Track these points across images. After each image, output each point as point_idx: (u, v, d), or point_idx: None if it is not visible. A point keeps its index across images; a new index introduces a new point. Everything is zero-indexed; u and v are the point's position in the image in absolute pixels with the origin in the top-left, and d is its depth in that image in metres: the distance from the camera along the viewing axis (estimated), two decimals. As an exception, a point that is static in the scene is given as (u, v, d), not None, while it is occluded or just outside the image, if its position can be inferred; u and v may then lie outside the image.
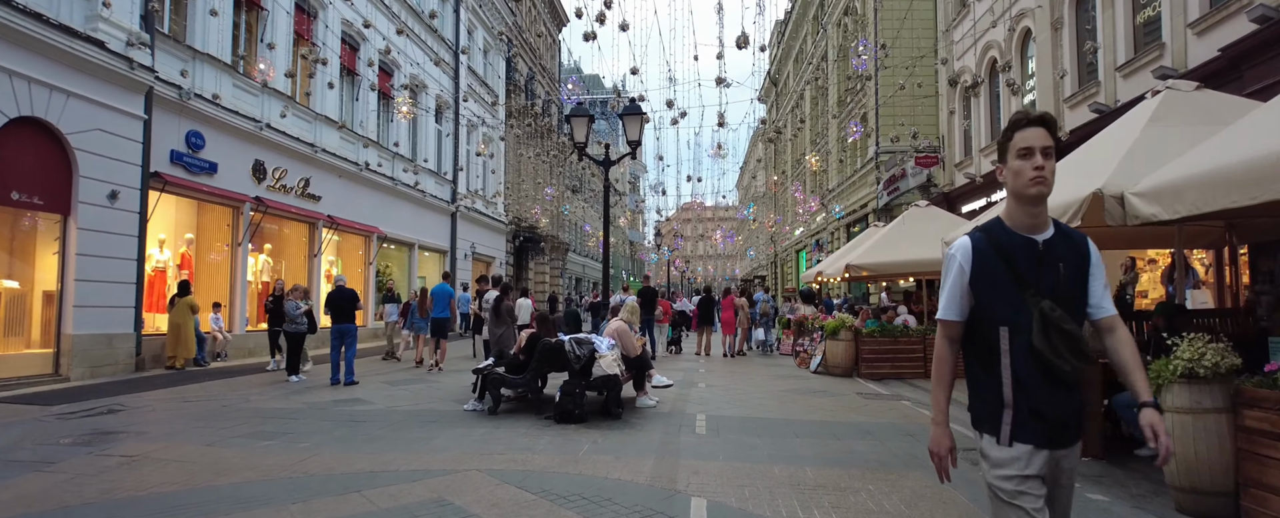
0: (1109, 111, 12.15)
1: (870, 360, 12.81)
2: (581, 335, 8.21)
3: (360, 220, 20.53)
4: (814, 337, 14.23)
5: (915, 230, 13.87)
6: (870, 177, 27.16)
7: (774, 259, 53.94)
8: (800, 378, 12.75)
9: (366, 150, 20.88)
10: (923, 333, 12.95)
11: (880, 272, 13.39)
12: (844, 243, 32.38)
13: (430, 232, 25.42)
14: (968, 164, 18.66)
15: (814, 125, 38.45)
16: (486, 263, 31.78)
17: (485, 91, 30.94)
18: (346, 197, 19.96)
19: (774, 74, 52.59)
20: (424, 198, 24.54)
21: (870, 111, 27.76)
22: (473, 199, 28.87)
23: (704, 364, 15.05)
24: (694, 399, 9.83)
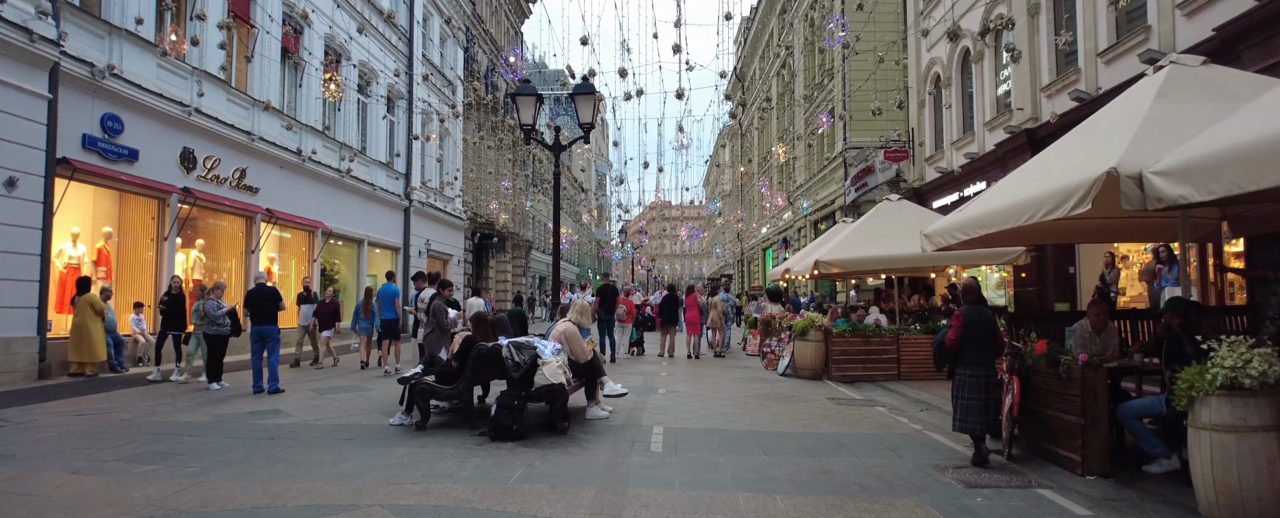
0: (1090, 99, 11.53)
1: (841, 362, 12.06)
2: (523, 339, 7.21)
3: (304, 215, 19.34)
4: (782, 337, 13.46)
5: (887, 226, 13.18)
6: (838, 173, 26.55)
7: (741, 257, 53.37)
8: (767, 381, 11.96)
9: (311, 140, 19.68)
10: (895, 333, 12.24)
11: (851, 269, 12.66)
12: (811, 240, 31.82)
13: (381, 227, 24.24)
14: (939, 158, 18.05)
15: (780, 120, 37.85)
16: (443, 261, 30.63)
17: (442, 82, 29.78)
18: (288, 189, 18.76)
19: (740, 70, 52.00)
20: (374, 191, 23.36)
21: (837, 105, 27.17)
22: (427, 194, 27.73)
23: (666, 367, 14.22)
24: (651, 408, 8.97)
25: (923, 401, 9.97)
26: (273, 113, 17.86)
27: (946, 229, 7.33)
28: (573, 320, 8.02)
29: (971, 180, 15.70)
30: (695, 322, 16.40)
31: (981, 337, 6.66)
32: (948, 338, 6.79)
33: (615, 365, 13.78)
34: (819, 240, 17.32)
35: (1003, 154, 14.04)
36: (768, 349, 13.76)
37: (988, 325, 6.84)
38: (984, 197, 7.61)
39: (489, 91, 36.22)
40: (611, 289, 14.02)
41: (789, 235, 35.74)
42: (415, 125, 26.66)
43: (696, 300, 16.59)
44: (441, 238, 29.39)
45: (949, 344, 6.69)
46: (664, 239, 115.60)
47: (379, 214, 24.06)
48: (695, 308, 16.48)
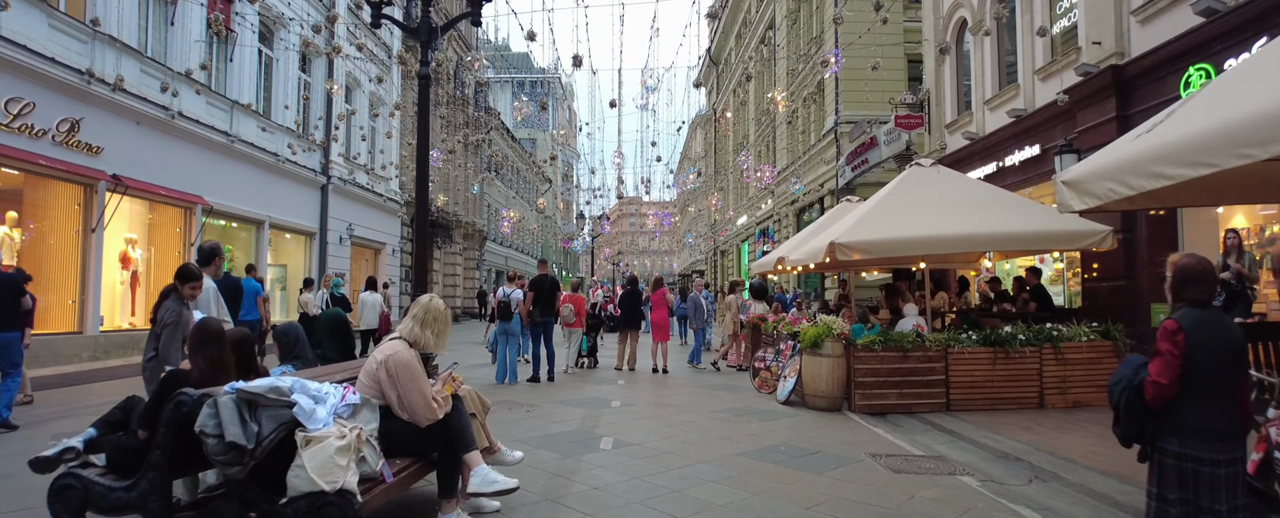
0: (1225, 11, 8.10)
1: (868, 386, 8.52)
2: (264, 385, 3.36)
3: (174, 186, 15.36)
4: (781, 349, 9.84)
5: (920, 197, 9.74)
6: (828, 152, 23.13)
7: (714, 251, 49.89)
8: (765, 416, 8.33)
9: (187, 93, 15.70)
10: (943, 345, 8.72)
11: (878, 253, 9.10)
12: (794, 230, 28.40)
13: (289, 207, 20.24)
14: (964, 122, 14.62)
15: (758, 101, 34.37)
16: (375, 250, 26.68)
17: (375, 44, 25.79)
18: (152, 152, 14.79)
19: (714, 53, 48.52)
20: (278, 163, 19.37)
21: (827, 79, 23.74)
22: (353, 171, 23.74)
23: (623, 389, 10.46)
24: (582, 485, 5.28)
25: (1011, 454, 6.45)
26: (127, 52, 13.91)
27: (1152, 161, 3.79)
28: (411, 339, 4.14)
29: (1017, 144, 12.28)
30: (663, 325, 12.87)
31: (1222, 378, 3.15)
32: (1159, 380, 3.18)
33: (552, 387, 10.13)
34: (821, 221, 13.80)
35: (1071, 105, 10.62)
36: (760, 365, 10.14)
37: (1235, 355, 3.27)
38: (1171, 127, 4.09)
39: (436, 62, 32.24)
40: (548, 282, 10.36)
41: (768, 226, 32.31)
42: (340, 94, 22.66)
43: (665, 297, 12.96)
44: (371, 223, 25.42)
45: (1162, 393, 3.15)
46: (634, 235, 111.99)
47: (286, 191, 20.06)
48: (663, 307, 12.88)
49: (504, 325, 10.47)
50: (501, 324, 10.48)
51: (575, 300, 12.26)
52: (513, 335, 10.48)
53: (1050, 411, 8.65)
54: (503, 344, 10.48)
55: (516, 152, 53.66)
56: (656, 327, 12.92)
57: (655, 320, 12.96)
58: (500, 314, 10.36)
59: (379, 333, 11.70)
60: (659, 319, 12.93)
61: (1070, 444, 6.78)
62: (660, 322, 12.91)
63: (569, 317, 11.99)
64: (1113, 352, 8.93)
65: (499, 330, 10.57)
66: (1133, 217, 9.64)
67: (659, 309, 13.08)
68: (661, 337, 12.76)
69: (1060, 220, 9.61)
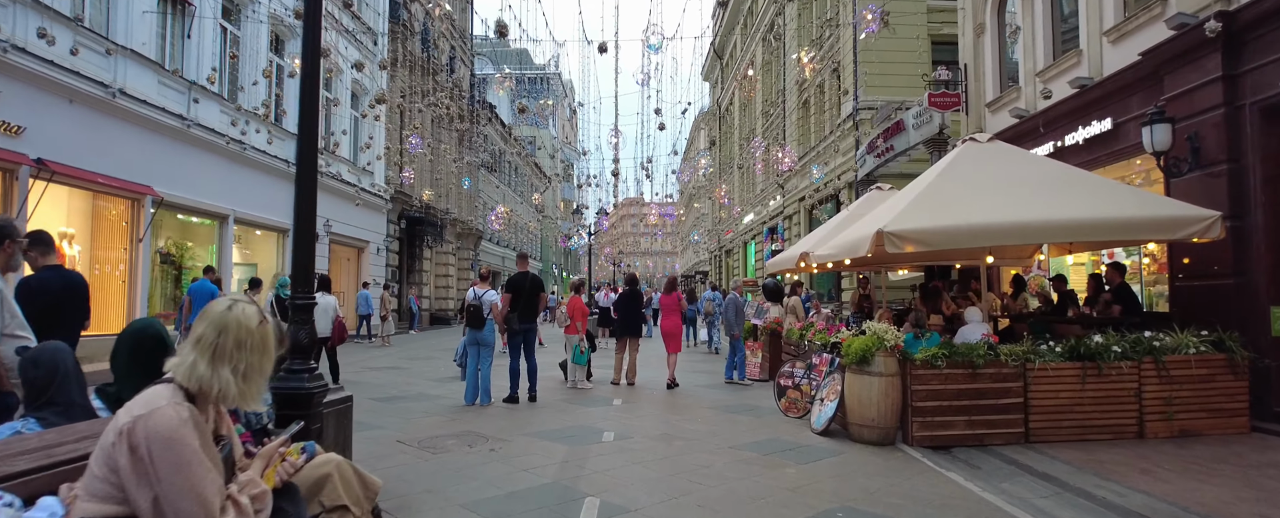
0: None
1: (929, 413, 6.75)
2: None
3: (117, 174, 13.62)
4: (814, 364, 8.03)
5: (979, 178, 8.04)
6: (845, 142, 21.36)
7: (718, 251, 48.11)
8: (802, 455, 6.53)
9: (132, 69, 13.98)
10: (1021, 359, 6.95)
11: (937, 244, 7.32)
12: (805, 228, 26.62)
13: (258, 201, 18.49)
14: (1011, 99, 12.84)
15: (767, 91, 32.62)
16: (357, 249, 24.92)
17: (359, 29, 24.06)
18: (89, 135, 13.09)
19: (718, 45, 46.80)
20: (245, 152, 17.61)
21: (844, 60, 22.00)
22: (332, 163, 21.98)
23: (621, 411, 8.68)
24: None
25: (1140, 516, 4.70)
26: (56, 19, 12.17)
27: None
28: (191, 384, 2.15)
29: (1080, 119, 10.51)
30: (676, 333, 11.09)
31: None
32: None
33: (533, 411, 8.32)
34: (851, 211, 12.01)
35: (1155, 65, 8.87)
36: (786, 382, 8.32)
37: None
38: None
39: (426, 51, 30.55)
40: (530, 281, 8.50)
41: (778, 224, 30.53)
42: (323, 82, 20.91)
43: (678, 302, 11.13)
44: (351, 219, 23.64)
45: None
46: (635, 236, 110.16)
47: (254, 183, 18.31)
48: (676, 313, 11.16)
49: (474, 334, 8.75)
50: (471, 333, 8.75)
51: (571, 306, 10.46)
52: (486, 347, 8.76)
53: (1153, 441, 6.89)
54: (473, 358, 8.75)
55: (515, 148, 51.91)
56: (668, 335, 11.11)
57: (666, 328, 11.19)
58: (469, 320, 8.64)
59: (332, 343, 9.94)
60: (671, 327, 11.16)
61: (1219, 498, 5.02)
62: (673, 329, 11.13)
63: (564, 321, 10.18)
64: (1227, 367, 7.17)
65: (468, 340, 8.86)
66: (1246, 197, 7.86)
67: (671, 315, 11.24)
68: (674, 347, 10.97)
69: (1155, 204, 7.86)
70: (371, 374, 12.28)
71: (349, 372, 12.88)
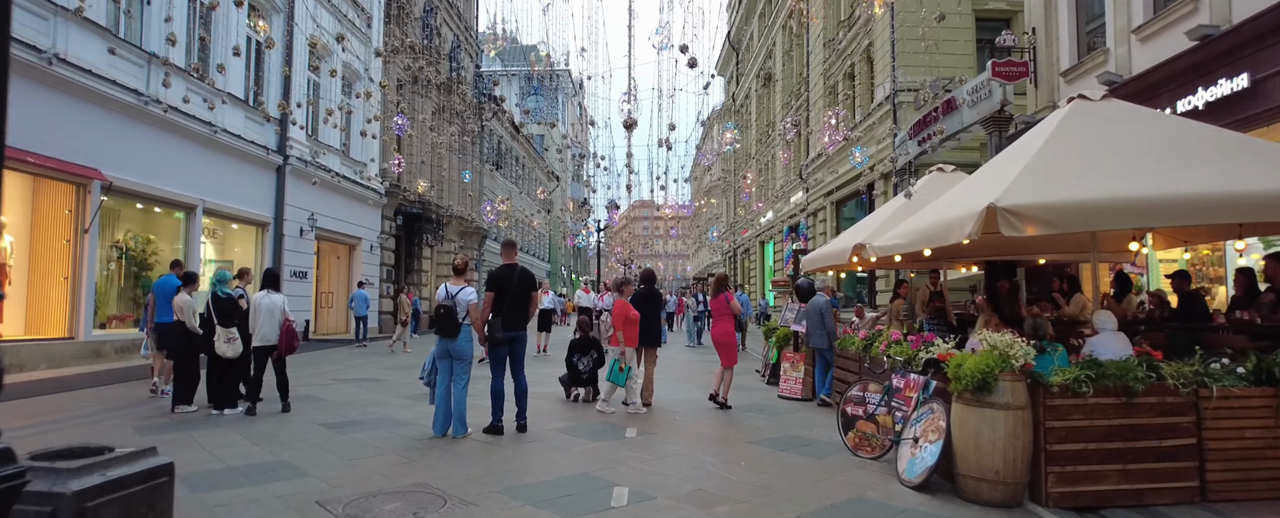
0: None
1: (1069, 460, 4.82)
2: None
3: (55, 154, 11.84)
4: (894, 387, 6.02)
5: (1102, 142, 6.16)
6: (879, 129, 19.38)
7: (732, 251, 46.12)
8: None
9: (75, 34, 12.20)
10: (1192, 382, 5.00)
11: (1071, 225, 5.38)
12: (833, 224, 24.64)
13: (233, 191, 16.68)
14: (1097, 63, 10.88)
15: (788, 81, 30.66)
16: (349, 245, 23.11)
17: (353, 11, 22.26)
18: (19, 106, 11.29)
19: (734, 37, 44.89)
20: (216, 135, 15.80)
21: (878, 40, 20.04)
22: (319, 152, 20.15)
23: (635, 448, 6.52)
24: None
25: None
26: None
27: None
28: None
29: (1202, 78, 8.55)
30: (729, 343, 9.01)
31: None
32: None
33: (518, 447, 6.32)
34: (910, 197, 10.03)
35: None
36: (855, 410, 6.30)
37: None
38: None
39: (427, 38, 28.75)
40: (518, 277, 6.53)
41: (800, 221, 28.54)
42: (300, 53, 19.12)
43: (728, 304, 9.16)
44: (342, 213, 21.82)
45: None
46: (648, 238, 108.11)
47: (229, 170, 16.50)
48: (727, 318, 9.05)
49: (445, 344, 6.77)
50: (441, 342, 6.80)
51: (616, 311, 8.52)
52: (461, 361, 6.80)
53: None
54: (443, 375, 6.82)
55: (522, 145, 50.14)
56: (722, 345, 9.04)
57: (719, 336, 9.12)
58: (439, 326, 6.72)
59: (279, 352, 8.06)
60: (723, 335, 9.02)
61: None
62: (726, 338, 9.00)
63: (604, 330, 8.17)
64: None
65: (438, 352, 6.90)
66: None
67: (722, 320, 9.11)
68: (729, 358, 8.91)
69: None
70: (338, 388, 10.41)
71: (316, 382, 11.03)
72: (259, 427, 7.26)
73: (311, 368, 13.37)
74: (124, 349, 13.36)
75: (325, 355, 15.95)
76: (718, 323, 9.14)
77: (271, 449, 6.11)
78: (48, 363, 11.81)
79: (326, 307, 22.68)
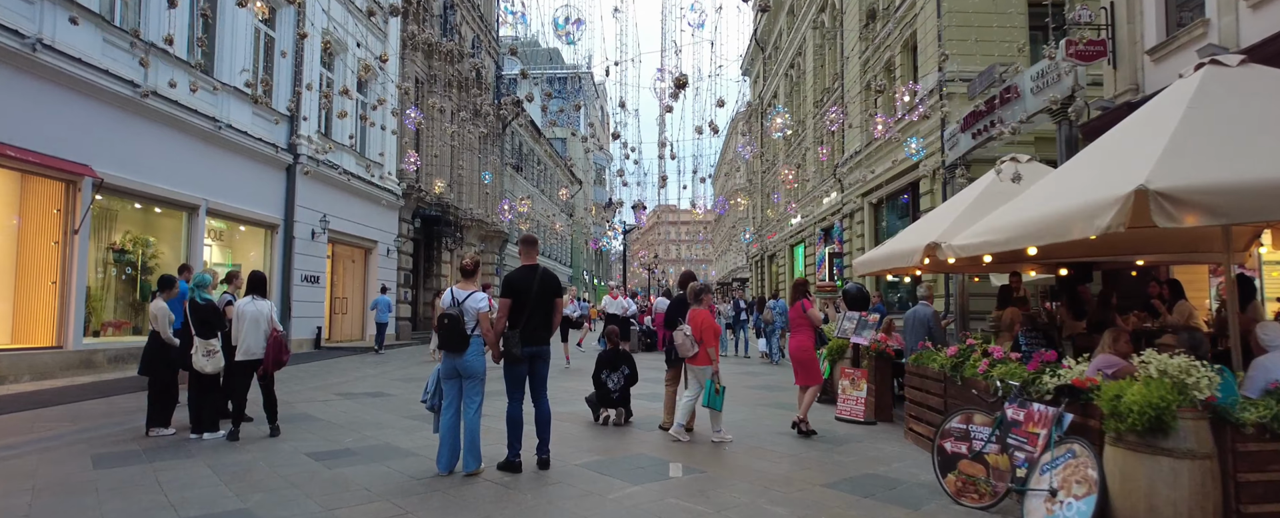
0: None
1: (1274, 523, 3.61)
2: None
3: (40, 148, 10.94)
4: (1013, 420, 4.79)
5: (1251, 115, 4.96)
6: (924, 123, 18.10)
7: (759, 255, 44.79)
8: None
9: (60, 19, 11.29)
10: None
11: (1245, 211, 4.19)
12: (872, 226, 23.35)
13: (239, 190, 15.77)
14: (1196, 36, 9.59)
15: (820, 77, 29.40)
16: (364, 249, 22.17)
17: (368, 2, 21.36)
18: (5, 100, 10.43)
19: (761, 36, 43.65)
20: (220, 131, 14.89)
21: (922, 29, 18.78)
22: (332, 151, 19.22)
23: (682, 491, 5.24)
24: None
25: None
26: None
27: None
28: None
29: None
30: (809, 360, 7.71)
31: None
32: None
33: (538, 489, 5.16)
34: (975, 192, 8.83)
35: None
36: (956, 447, 5.07)
37: None
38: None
39: (447, 34, 27.86)
40: (539, 280, 5.58)
41: (834, 224, 27.25)
42: (311, 50, 18.20)
43: (806, 313, 7.89)
44: (357, 215, 20.88)
45: None
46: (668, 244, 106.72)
47: (235, 169, 15.59)
48: (806, 329, 7.82)
49: (452, 362, 5.61)
50: (447, 359, 5.65)
51: (700, 319, 7.20)
52: (472, 381, 5.61)
53: None
54: (449, 397, 5.67)
55: (543, 148, 49.21)
56: (800, 362, 7.72)
57: (796, 352, 7.79)
58: (444, 339, 5.58)
59: (266, 367, 7.00)
60: (802, 351, 7.67)
61: None
62: (804, 355, 7.66)
63: (689, 347, 7.00)
64: None
65: (443, 371, 5.73)
66: None
67: (800, 332, 7.77)
68: (809, 376, 7.65)
69: None
70: (339, 405, 9.35)
71: (317, 397, 10.00)
72: (236, 456, 6.20)
73: (316, 379, 12.36)
74: (118, 359, 12.44)
75: (333, 365, 14.96)
76: (795, 335, 7.88)
77: (240, 491, 5.04)
78: (32, 374, 10.89)
79: (341, 313, 21.75)
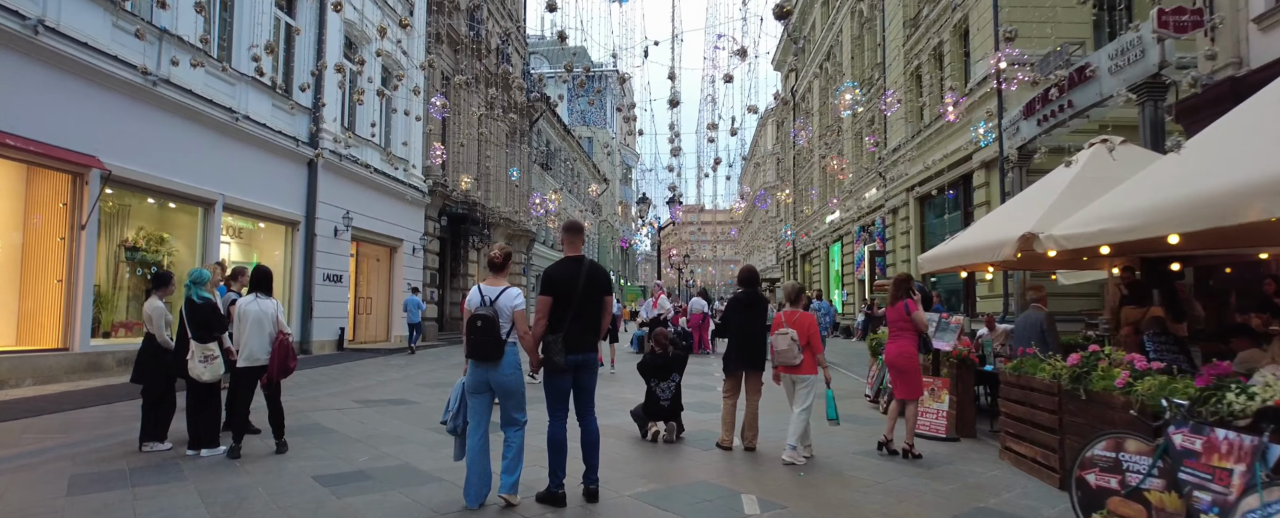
0: None
1: None
2: None
3: (43, 137, 10.26)
4: (1187, 449, 3.82)
5: None
6: (976, 112, 16.97)
7: (792, 255, 43.64)
8: None
9: (70, 5, 10.63)
10: None
11: None
12: (918, 222, 22.19)
13: (258, 185, 15.07)
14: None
15: (859, 66, 28.25)
16: (389, 248, 21.45)
17: (391, -7, 20.66)
18: (4, 86, 9.76)
19: (792, 29, 42.47)
20: (237, 123, 14.20)
21: (975, 14, 17.65)
22: (354, 145, 18.52)
23: None
24: None
25: None
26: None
27: None
28: None
29: None
30: (911, 368, 6.60)
31: None
32: None
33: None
34: (1072, 174, 7.77)
35: None
36: (1104, 482, 4.05)
37: None
38: None
39: (473, 30, 27.14)
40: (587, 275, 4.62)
41: (874, 220, 26.10)
42: (333, 38, 17.50)
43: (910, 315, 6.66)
44: (381, 212, 20.17)
45: None
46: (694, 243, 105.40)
47: (252, 163, 14.90)
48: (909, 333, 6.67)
49: (483, 373, 4.61)
50: (475, 369, 4.62)
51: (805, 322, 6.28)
52: (510, 397, 4.66)
53: None
54: (477, 417, 4.69)
55: (571, 145, 48.44)
56: (901, 372, 6.62)
57: (896, 359, 6.64)
58: (475, 347, 4.54)
59: (272, 372, 6.16)
60: (903, 357, 6.59)
61: None
62: (905, 362, 6.59)
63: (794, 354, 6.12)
64: None
65: (469, 384, 4.69)
66: None
67: (901, 337, 6.65)
68: (910, 388, 6.58)
69: None
70: (357, 414, 8.52)
71: (333, 404, 9.20)
72: (233, 479, 5.37)
73: (336, 384, 11.58)
74: (128, 362, 11.57)
75: (355, 368, 14.20)
76: (896, 340, 6.71)
77: (229, 527, 4.18)
78: (35, 378, 10.21)
79: (365, 313, 21.05)
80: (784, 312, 6.27)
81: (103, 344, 11.57)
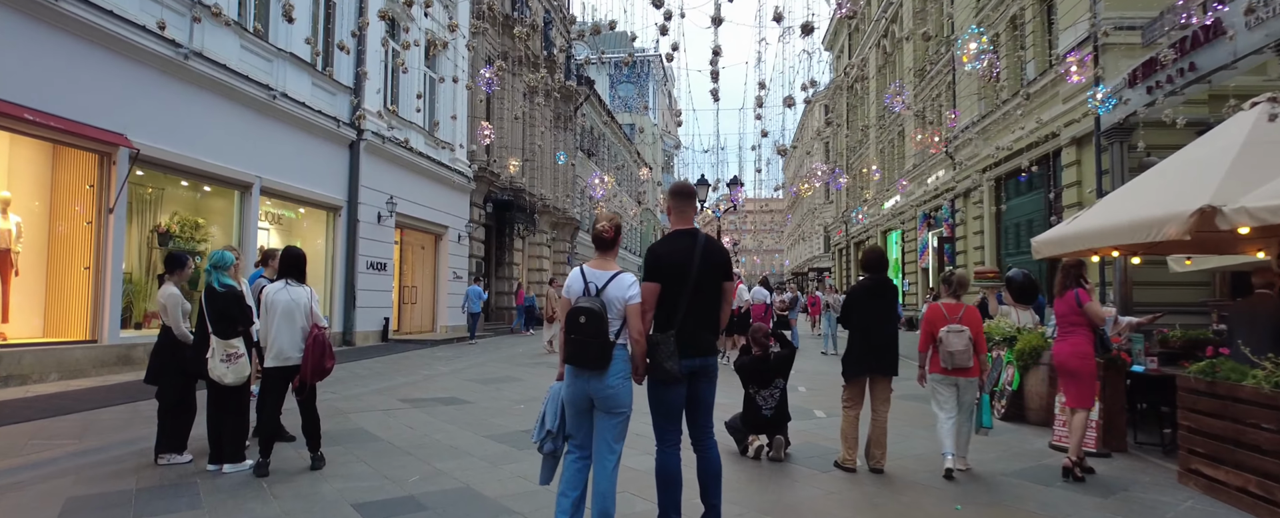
0: None
1: None
2: None
3: (68, 114, 9.48)
4: None
5: None
6: (1063, 84, 15.45)
7: (845, 243, 42.04)
8: None
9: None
10: None
11: None
12: (991, 206, 20.67)
13: (298, 168, 14.28)
14: None
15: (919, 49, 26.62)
16: (434, 235, 20.63)
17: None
18: (18, 57, 8.97)
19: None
20: (275, 101, 13.38)
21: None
22: (398, 127, 17.66)
23: None
24: None
25: None
26: None
27: None
28: None
29: None
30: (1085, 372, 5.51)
31: None
32: None
33: None
34: (1242, 139, 6.45)
35: None
36: None
37: None
38: None
39: (518, 8, 26.15)
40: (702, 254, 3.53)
41: (941, 205, 24.58)
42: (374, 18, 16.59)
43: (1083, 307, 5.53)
44: (426, 198, 19.33)
45: None
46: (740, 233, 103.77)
47: (291, 143, 14.10)
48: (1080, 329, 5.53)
49: (585, 384, 3.46)
50: (578, 380, 3.47)
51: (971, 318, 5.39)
52: (613, 416, 3.47)
53: None
54: (581, 437, 3.56)
55: (614, 132, 47.37)
56: (1072, 374, 5.55)
57: (1066, 359, 5.57)
58: (578, 350, 3.38)
59: (305, 373, 5.19)
60: (1076, 357, 5.50)
61: None
62: (1079, 364, 5.49)
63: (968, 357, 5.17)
64: None
65: (571, 398, 3.54)
66: None
67: (1073, 334, 5.56)
68: (1082, 396, 5.47)
69: None
70: (404, 417, 7.56)
71: (377, 403, 8.27)
72: (258, 506, 4.41)
73: (380, 380, 10.70)
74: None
75: (401, 361, 13.34)
76: (1068, 337, 5.60)
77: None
78: (60, 372, 9.48)
79: (410, 302, 20.28)
80: (943, 303, 5.13)
81: (133, 336, 10.82)
